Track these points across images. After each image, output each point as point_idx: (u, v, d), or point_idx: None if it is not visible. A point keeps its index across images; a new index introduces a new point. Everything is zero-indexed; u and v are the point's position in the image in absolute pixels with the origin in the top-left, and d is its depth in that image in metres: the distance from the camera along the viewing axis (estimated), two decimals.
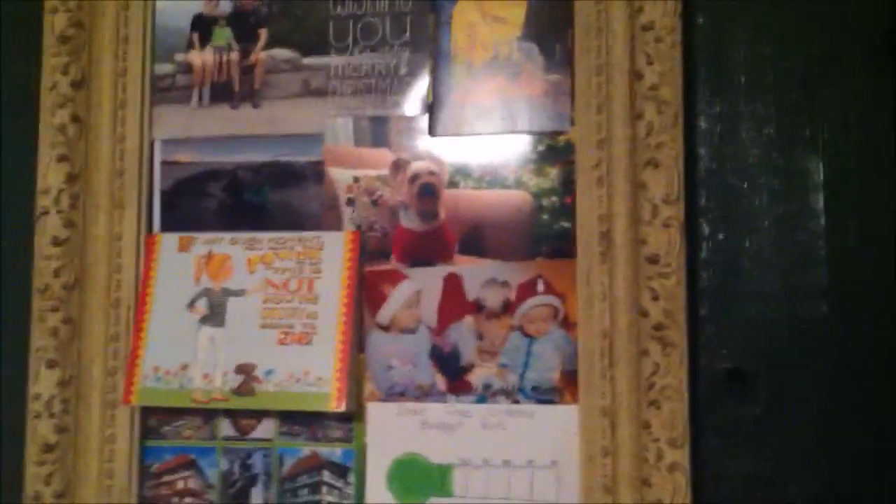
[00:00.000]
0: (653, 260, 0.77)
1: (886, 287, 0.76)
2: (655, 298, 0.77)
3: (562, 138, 0.83)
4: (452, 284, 0.85)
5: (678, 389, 0.76)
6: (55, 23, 0.90)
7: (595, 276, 0.80)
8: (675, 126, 0.78)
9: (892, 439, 0.75)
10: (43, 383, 0.88)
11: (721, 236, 0.79)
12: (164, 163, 0.91)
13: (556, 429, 0.81)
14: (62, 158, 0.89)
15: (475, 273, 0.84)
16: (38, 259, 0.89)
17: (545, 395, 0.82)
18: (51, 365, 0.88)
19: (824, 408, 0.76)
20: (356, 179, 0.87)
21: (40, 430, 0.87)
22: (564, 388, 0.81)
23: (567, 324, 0.82)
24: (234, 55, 0.90)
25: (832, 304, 0.77)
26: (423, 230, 0.86)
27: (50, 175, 0.89)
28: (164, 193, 0.91)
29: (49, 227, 0.89)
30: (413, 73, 0.86)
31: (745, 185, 0.79)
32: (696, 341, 0.78)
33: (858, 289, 0.76)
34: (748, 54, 0.80)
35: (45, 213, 0.89)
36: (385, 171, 0.87)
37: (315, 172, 0.88)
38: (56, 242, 0.89)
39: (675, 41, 0.78)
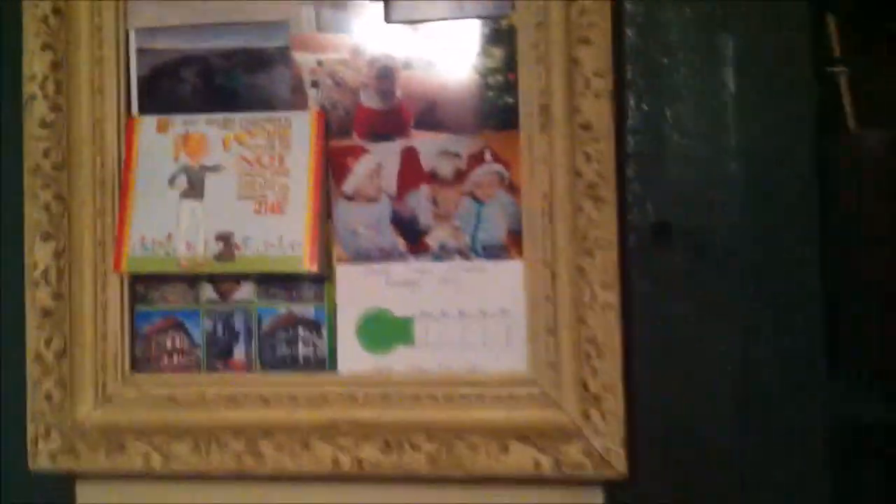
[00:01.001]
0: (586, 127, 0.87)
1: (796, 145, 0.86)
2: (588, 161, 0.87)
3: (504, 22, 0.92)
4: (409, 157, 0.94)
5: (610, 240, 0.87)
6: None
7: (536, 144, 0.90)
8: (603, 8, 0.87)
9: (806, 279, 0.87)
10: (39, 254, 0.96)
11: (645, 106, 0.89)
12: (140, 50, 0.98)
13: (505, 281, 0.92)
14: (46, 47, 0.96)
15: (430, 146, 0.94)
16: (28, 140, 0.96)
17: (494, 253, 0.92)
18: (45, 238, 0.96)
19: (743, 255, 0.88)
20: (320, 63, 0.95)
21: (38, 296, 0.96)
22: (511, 245, 0.92)
23: (512, 188, 0.92)
24: None
25: (744, 164, 0.87)
26: (381, 108, 0.94)
27: (35, 62, 0.96)
28: (141, 79, 0.98)
29: (36, 110, 0.96)
30: None
31: (667, 61, 0.89)
32: (625, 199, 0.89)
33: (768, 149, 0.87)
34: None
35: (33, 97, 0.96)
36: (346, 56, 0.95)
37: (282, 57, 0.96)
38: (43, 125, 0.96)
39: None
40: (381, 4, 0.94)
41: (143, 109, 0.98)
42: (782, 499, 0.85)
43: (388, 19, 0.94)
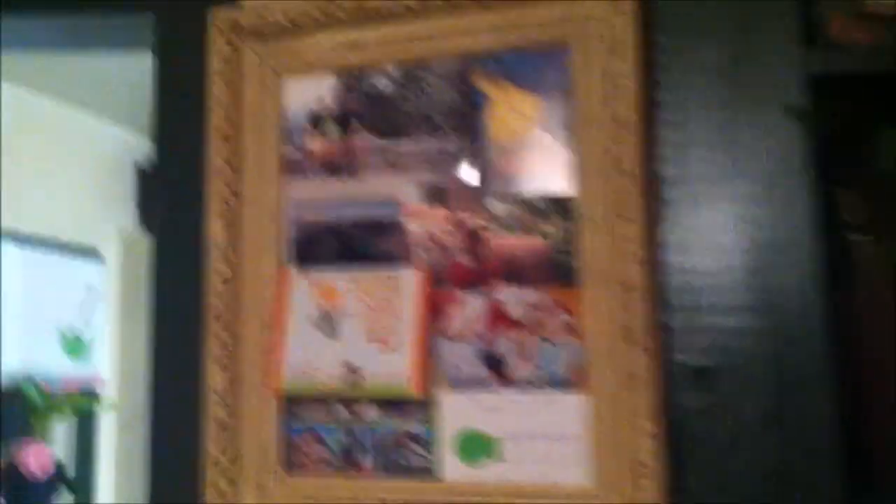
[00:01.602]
0: (628, 287, 1.07)
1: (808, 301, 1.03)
2: (631, 315, 1.07)
3: (567, 198, 1.14)
4: (496, 306, 1.17)
5: (649, 380, 1.06)
6: (216, 123, 1.28)
7: (592, 298, 1.10)
8: (637, 192, 1.08)
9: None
10: (216, 379, 1.25)
11: (682, 266, 1.09)
12: (292, 220, 1.27)
13: (572, 410, 1.12)
14: (221, 216, 1.27)
15: (511, 297, 1.16)
16: (211, 295, 1.26)
17: (564, 386, 1.13)
18: (223, 368, 1.25)
19: (769, 391, 1.04)
20: (425, 230, 1.21)
21: (217, 413, 1.25)
22: (577, 380, 1.12)
23: (576, 333, 1.13)
24: (338, 141, 1.26)
25: (764, 316, 1.04)
26: (473, 266, 1.18)
27: (217, 232, 1.27)
28: (292, 241, 1.27)
29: (218, 271, 1.27)
30: (462, 152, 1.19)
31: (693, 237, 1.09)
32: (668, 346, 1.08)
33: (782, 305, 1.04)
34: None
35: (216, 260, 1.26)
36: (445, 224, 1.20)
37: (395, 225, 1.22)
38: (224, 281, 1.26)
39: (637, 133, 1.08)
40: (476, 186, 1.19)
41: (295, 265, 1.26)
42: None
43: (480, 196, 1.18)
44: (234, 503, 1.23)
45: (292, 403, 1.25)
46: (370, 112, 1.24)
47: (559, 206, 1.14)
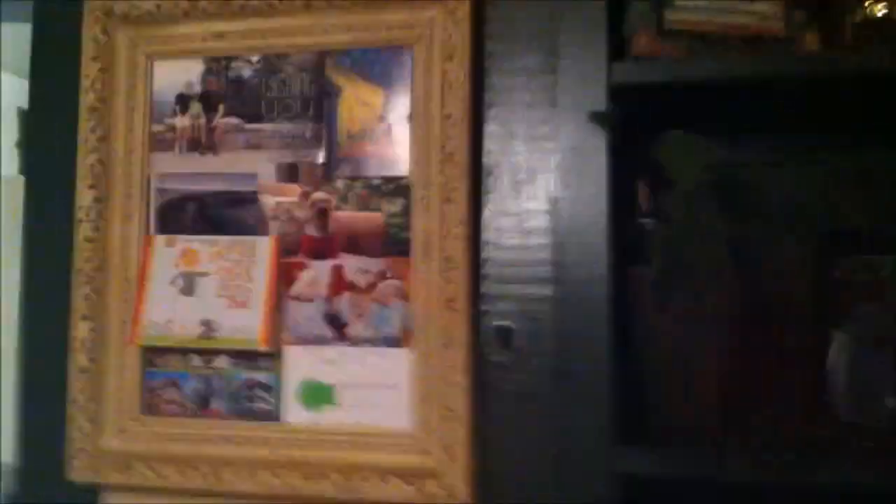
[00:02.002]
0: (449, 259, 1.26)
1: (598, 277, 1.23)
2: (450, 283, 1.26)
3: (403, 181, 1.32)
4: (337, 272, 1.34)
5: (462, 338, 1.25)
6: (87, 99, 1.40)
7: (419, 268, 1.29)
8: (463, 178, 1.26)
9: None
10: (80, 330, 1.38)
11: (495, 243, 1.28)
12: (158, 189, 1.40)
13: (397, 363, 1.30)
14: (91, 186, 1.39)
15: (351, 264, 1.33)
16: (76, 251, 1.39)
17: (392, 342, 1.31)
18: (84, 318, 1.38)
19: (556, 351, 1.25)
20: (278, 203, 1.36)
21: (78, 360, 1.38)
22: (403, 337, 1.30)
23: (405, 297, 1.31)
24: (202, 121, 1.39)
25: (559, 287, 1.25)
26: (319, 237, 1.35)
27: (83, 197, 1.39)
28: (157, 209, 1.40)
29: (82, 230, 1.39)
30: (314, 136, 1.35)
31: (504, 220, 1.28)
32: (478, 310, 1.27)
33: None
34: None
35: (81, 221, 1.39)
36: (296, 199, 1.36)
37: (252, 198, 1.37)
38: (87, 240, 1.39)
39: (464, 128, 1.26)
40: (323, 164, 1.34)
41: (158, 230, 1.40)
42: None
43: (326, 175, 1.34)
44: (94, 440, 1.37)
45: (152, 354, 1.39)
46: (233, 96, 1.38)
47: (396, 187, 1.32)
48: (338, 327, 1.33)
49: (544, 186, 1.27)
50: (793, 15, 1.28)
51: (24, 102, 3.96)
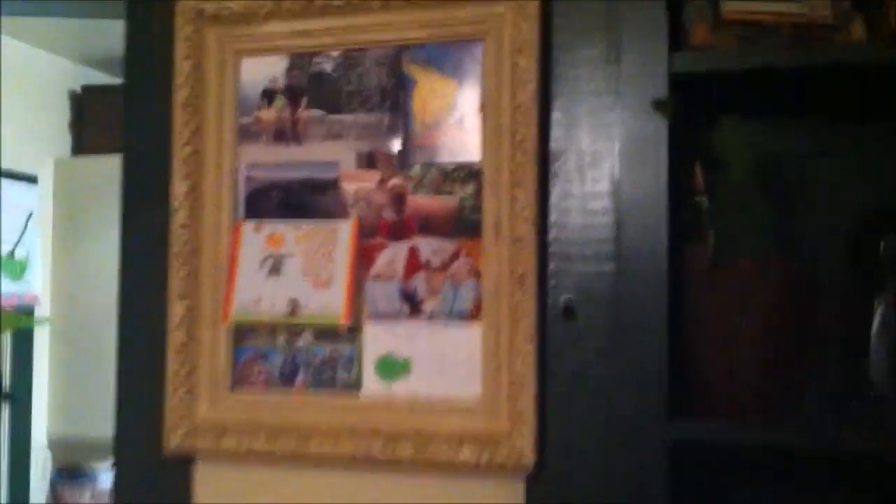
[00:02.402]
0: (518, 240, 1.35)
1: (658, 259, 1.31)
2: (519, 261, 1.35)
3: (475, 167, 1.41)
4: (413, 252, 1.43)
5: (530, 313, 1.34)
6: (181, 95, 1.51)
7: (491, 248, 1.38)
8: (532, 164, 1.35)
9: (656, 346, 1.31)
10: (177, 309, 1.50)
11: (560, 224, 1.36)
12: (246, 178, 1.51)
13: (470, 337, 1.40)
14: (186, 176, 1.50)
15: (426, 245, 1.43)
16: (173, 236, 1.50)
17: (464, 317, 1.40)
18: (181, 298, 1.50)
19: (616, 323, 1.33)
20: (357, 190, 1.46)
21: (176, 337, 1.50)
22: (475, 313, 1.40)
23: (477, 275, 1.40)
24: (287, 113, 1.50)
25: (620, 263, 1.33)
26: (396, 220, 1.44)
27: (179, 186, 1.51)
28: (245, 197, 1.51)
29: (178, 217, 1.51)
30: (391, 126, 1.45)
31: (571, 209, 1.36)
32: (545, 286, 1.36)
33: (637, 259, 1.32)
34: None
35: (177, 209, 1.51)
36: (374, 185, 1.45)
37: (334, 185, 1.47)
38: (183, 226, 1.50)
39: (534, 116, 1.35)
40: (399, 152, 1.44)
41: (247, 216, 1.51)
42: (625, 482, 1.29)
43: (402, 163, 1.44)
44: (191, 410, 1.49)
45: (241, 331, 1.50)
46: (315, 89, 1.48)
47: (468, 172, 1.41)
48: (413, 304, 1.43)
49: (607, 170, 1.35)
50: (839, 4, 1.35)
51: (73, 84, 4.14)
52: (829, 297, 1.34)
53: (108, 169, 4.07)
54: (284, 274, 1.47)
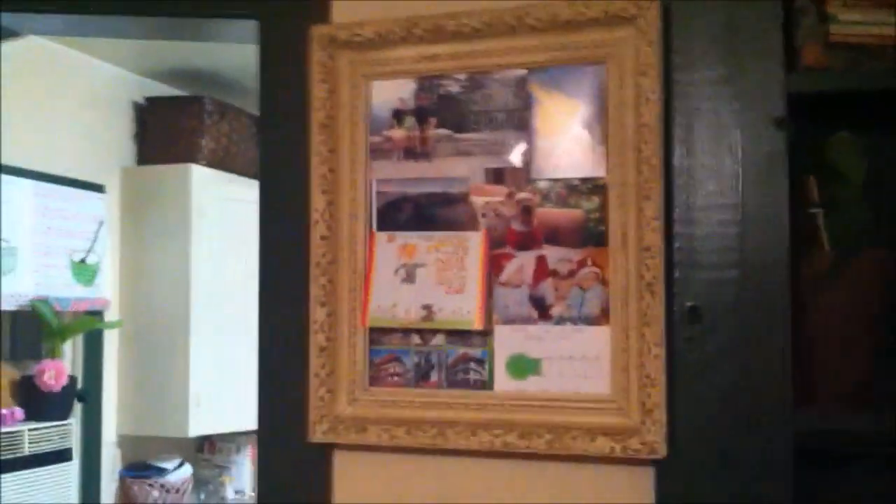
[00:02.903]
0: (647, 249, 1.46)
1: (782, 266, 1.42)
2: (648, 269, 1.46)
3: (600, 181, 1.52)
4: (541, 261, 1.55)
5: (659, 317, 1.45)
6: (318, 116, 1.62)
7: (618, 256, 1.49)
8: (657, 178, 1.45)
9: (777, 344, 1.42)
10: (318, 314, 1.61)
11: (685, 234, 1.47)
12: (378, 192, 1.63)
13: (598, 339, 1.51)
14: (324, 192, 1.62)
15: (553, 254, 1.54)
16: (313, 247, 1.62)
17: (592, 321, 1.52)
18: (322, 304, 1.62)
19: (740, 325, 1.44)
20: (486, 203, 1.57)
21: (318, 339, 1.62)
22: (602, 317, 1.51)
23: (604, 282, 1.51)
24: (416, 132, 1.61)
25: (743, 270, 1.44)
26: (524, 231, 1.55)
27: (317, 201, 1.62)
28: (378, 209, 1.63)
29: (317, 229, 1.62)
30: (517, 143, 1.56)
31: (698, 215, 1.47)
32: (670, 292, 1.47)
33: (760, 269, 1.43)
34: None
35: (316, 222, 1.62)
36: (502, 198, 1.57)
37: (463, 198, 1.58)
38: (322, 238, 1.62)
39: (658, 134, 1.46)
40: (525, 168, 1.55)
41: (379, 228, 1.62)
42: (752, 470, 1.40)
43: (528, 177, 1.55)
44: (332, 407, 1.61)
45: (376, 334, 1.62)
46: (443, 110, 1.60)
47: (593, 186, 1.52)
48: (542, 309, 1.54)
49: (729, 184, 1.46)
50: None
51: (137, 96, 4.28)
52: None
53: (171, 177, 4.25)
54: (418, 281, 1.59)
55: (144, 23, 1.85)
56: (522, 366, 1.55)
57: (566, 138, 1.54)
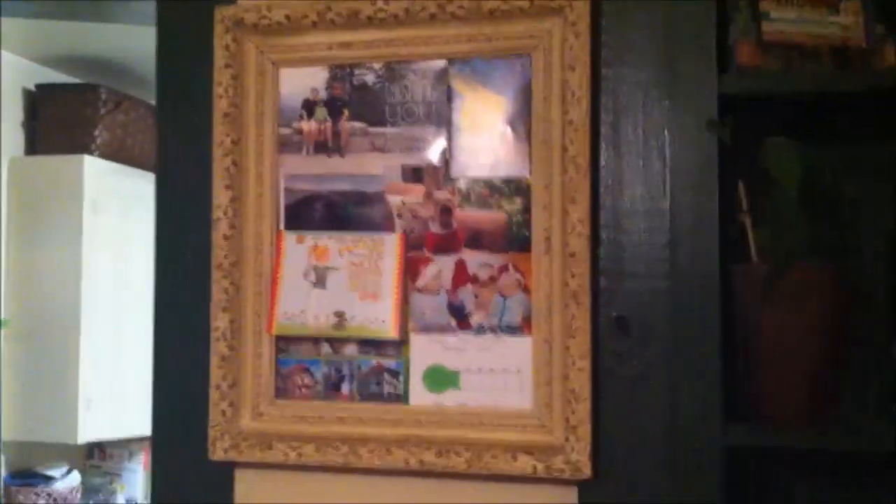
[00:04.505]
0: (572, 255, 1.37)
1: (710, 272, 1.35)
2: (573, 276, 1.37)
3: (524, 181, 1.43)
4: (460, 266, 1.45)
5: (584, 328, 1.37)
6: (221, 105, 1.49)
7: (541, 263, 1.40)
8: (584, 180, 1.37)
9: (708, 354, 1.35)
10: (220, 320, 1.49)
11: (612, 240, 1.39)
12: (287, 189, 1.51)
13: (520, 350, 1.42)
14: (228, 187, 1.49)
15: (473, 259, 1.44)
16: (215, 248, 1.49)
17: (513, 331, 1.43)
18: (224, 309, 1.49)
19: (669, 338, 1.37)
20: (403, 202, 1.47)
21: (219, 348, 1.49)
22: (524, 327, 1.42)
23: (526, 290, 1.42)
24: (328, 124, 1.50)
25: (672, 283, 1.36)
26: (443, 233, 1.45)
27: (220, 196, 1.49)
28: (287, 208, 1.51)
29: (220, 227, 1.49)
30: (437, 140, 1.46)
31: (627, 219, 1.39)
32: (596, 301, 1.39)
33: (691, 275, 1.36)
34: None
35: (219, 219, 1.49)
36: (420, 198, 1.46)
37: (379, 197, 1.47)
38: (224, 237, 1.49)
39: (585, 132, 1.37)
40: (444, 165, 1.45)
41: (288, 227, 1.50)
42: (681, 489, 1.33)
43: (448, 175, 1.45)
44: (234, 422, 1.48)
45: (284, 342, 1.50)
46: (357, 101, 1.48)
47: (517, 187, 1.43)
48: (461, 317, 1.45)
49: (658, 188, 1.38)
50: (873, 28, 1.40)
51: (27, 83, 4.04)
52: (874, 305, 1.39)
53: (63, 168, 4.02)
54: (329, 286, 1.47)
55: (35, 2, 1.68)
56: (440, 378, 1.45)
57: (488, 135, 1.45)
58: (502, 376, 1.43)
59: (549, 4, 1.40)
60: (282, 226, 1.50)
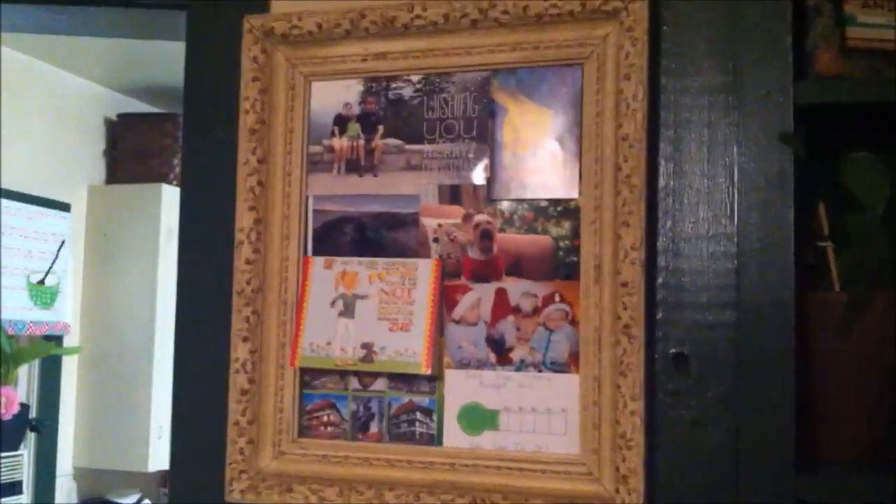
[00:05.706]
0: (624, 284, 1.22)
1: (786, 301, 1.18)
2: (625, 308, 1.22)
3: (573, 203, 1.28)
4: (501, 295, 1.31)
5: (637, 365, 1.21)
6: (247, 120, 1.39)
7: (591, 292, 1.25)
8: (639, 201, 1.22)
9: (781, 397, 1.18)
10: (239, 351, 1.38)
11: (671, 268, 1.24)
12: (315, 211, 1.39)
13: (565, 389, 1.27)
14: (251, 208, 1.39)
15: (516, 288, 1.30)
16: (237, 273, 1.39)
17: (558, 368, 1.28)
18: (244, 339, 1.38)
19: (735, 377, 1.20)
20: (440, 225, 1.34)
21: (238, 381, 1.38)
22: (571, 363, 1.27)
23: (573, 322, 1.27)
24: (361, 142, 1.38)
25: (741, 313, 1.20)
26: (482, 259, 1.32)
27: (243, 219, 1.39)
28: (315, 230, 1.39)
29: (243, 252, 1.39)
30: (477, 157, 1.33)
31: (685, 246, 1.24)
32: (652, 335, 1.23)
33: (764, 306, 1.19)
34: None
35: (241, 242, 1.39)
36: (458, 220, 1.33)
37: (413, 220, 1.35)
38: (248, 262, 1.38)
39: (641, 149, 1.23)
40: (485, 186, 1.32)
41: (316, 252, 1.39)
42: None
43: (489, 196, 1.32)
44: (253, 461, 1.37)
45: (309, 375, 1.38)
46: (393, 117, 1.37)
47: (564, 209, 1.29)
48: (501, 352, 1.31)
49: (724, 210, 1.23)
50: None
51: (109, 112, 4.06)
52: None
53: (141, 197, 4.02)
54: (358, 315, 1.35)
55: (66, 15, 1.62)
56: (477, 418, 1.31)
57: (533, 152, 1.31)
58: (545, 417, 1.28)
59: (602, 8, 1.27)
60: (309, 250, 1.39)
